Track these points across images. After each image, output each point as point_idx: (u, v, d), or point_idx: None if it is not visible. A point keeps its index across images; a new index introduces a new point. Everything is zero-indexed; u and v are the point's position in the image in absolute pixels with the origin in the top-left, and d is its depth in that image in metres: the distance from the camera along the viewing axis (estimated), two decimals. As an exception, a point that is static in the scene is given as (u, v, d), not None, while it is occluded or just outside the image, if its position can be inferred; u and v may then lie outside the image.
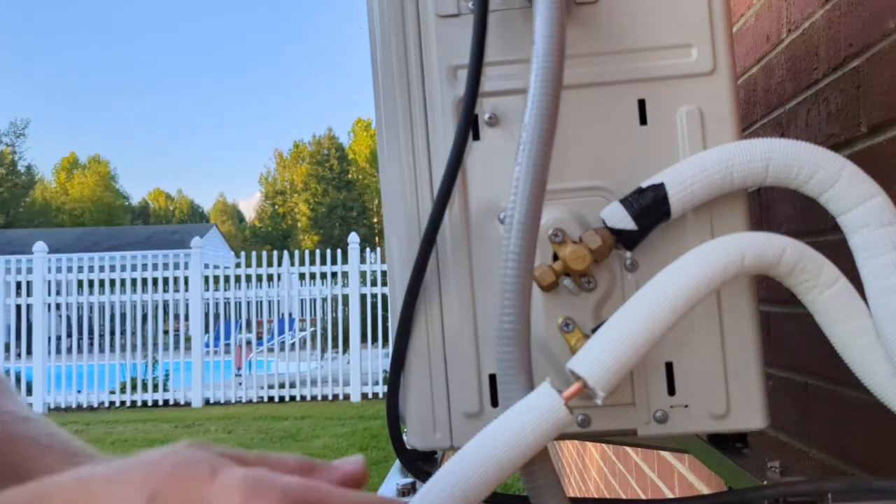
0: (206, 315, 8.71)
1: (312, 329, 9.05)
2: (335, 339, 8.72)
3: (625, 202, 0.58)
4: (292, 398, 8.39)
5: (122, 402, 8.32)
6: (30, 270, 8.59)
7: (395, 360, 0.65)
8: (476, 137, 0.65)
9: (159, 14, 65.01)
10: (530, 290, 0.57)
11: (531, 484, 0.50)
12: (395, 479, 0.67)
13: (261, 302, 8.76)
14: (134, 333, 8.75)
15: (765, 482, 0.60)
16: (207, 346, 8.71)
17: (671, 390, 0.62)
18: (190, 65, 66.54)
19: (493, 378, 0.63)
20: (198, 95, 65.95)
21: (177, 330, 8.90)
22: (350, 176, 34.32)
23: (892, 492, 0.50)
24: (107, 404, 8.36)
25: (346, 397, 8.39)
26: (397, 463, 0.69)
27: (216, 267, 9.12)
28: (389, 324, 0.65)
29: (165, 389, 8.50)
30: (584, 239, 0.58)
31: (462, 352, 0.64)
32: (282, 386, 8.50)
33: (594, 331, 0.57)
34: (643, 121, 0.64)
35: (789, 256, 0.54)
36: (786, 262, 0.54)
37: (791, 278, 0.56)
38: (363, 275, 8.51)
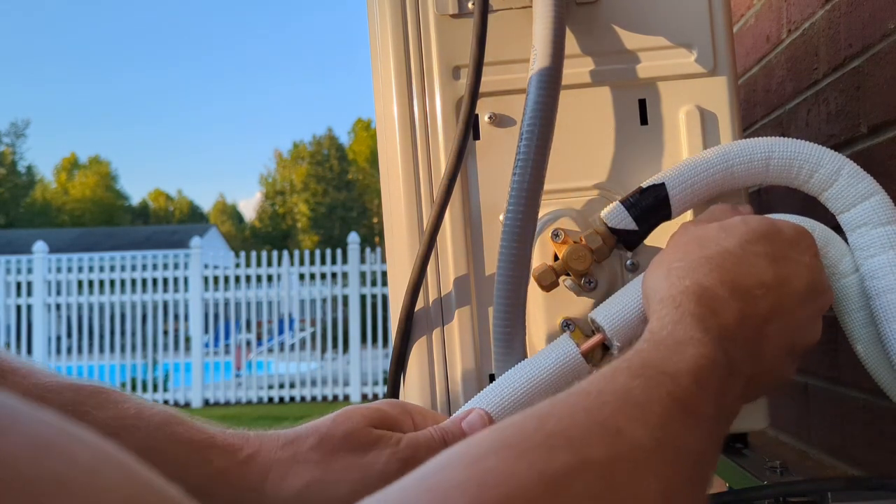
0: (206, 315, 8.70)
1: (312, 329, 9.04)
2: (335, 339, 8.71)
3: (625, 202, 0.58)
4: (292, 399, 8.37)
5: (122, 403, 8.30)
6: (30, 270, 8.59)
7: (396, 360, 0.65)
8: (476, 137, 0.65)
9: (159, 15, 65.07)
10: (525, 292, 0.57)
11: None
12: (395, 478, 0.67)
13: (260, 302, 8.75)
14: (134, 333, 8.74)
15: (765, 482, 0.60)
16: (207, 346, 8.70)
17: (671, 390, 0.62)
18: (190, 64, 66.62)
19: (493, 378, 0.63)
20: (197, 95, 66.01)
21: (177, 330, 8.87)
22: (350, 176, 34.29)
23: (891, 490, 0.50)
24: (107, 404, 8.34)
25: (346, 398, 8.37)
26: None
27: (216, 267, 9.10)
28: (389, 324, 0.65)
29: (165, 390, 8.49)
30: (584, 239, 0.58)
31: (462, 352, 0.64)
32: (282, 386, 8.49)
33: (594, 331, 0.57)
34: (643, 121, 0.64)
35: (817, 239, 0.55)
36: None
37: None
38: (363, 275, 8.49)
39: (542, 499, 0.27)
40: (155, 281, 8.66)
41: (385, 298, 8.36)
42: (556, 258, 0.60)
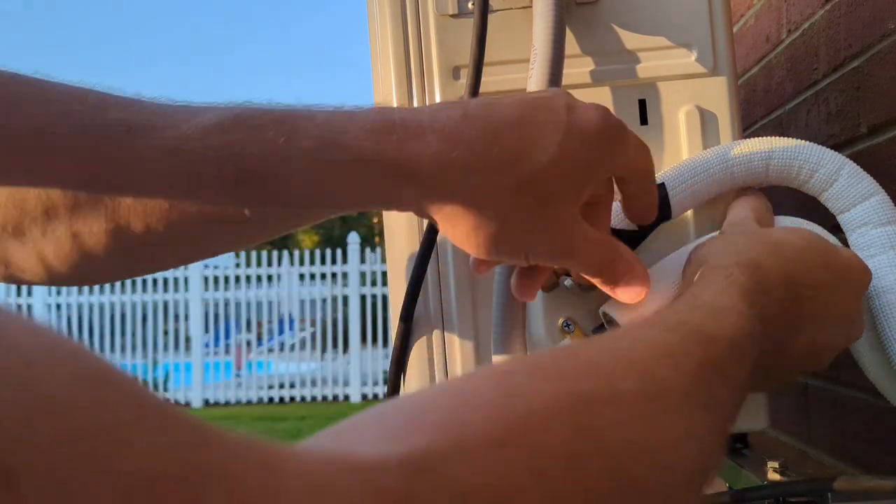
0: (206, 315, 8.70)
1: (312, 329, 9.03)
2: (335, 339, 8.70)
3: (625, 202, 0.58)
4: (292, 399, 8.37)
5: (122, 403, 8.29)
6: (30, 270, 8.58)
7: (396, 360, 0.65)
8: (476, 137, 0.65)
9: (159, 13, 65.13)
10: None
11: None
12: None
13: (260, 302, 8.75)
14: (134, 333, 8.74)
15: (765, 482, 0.60)
16: (207, 346, 8.70)
17: (671, 390, 0.62)
18: (189, 65, 66.71)
19: (493, 378, 0.63)
20: (197, 94, 65.91)
21: (177, 330, 8.87)
22: (350, 176, 34.26)
23: (891, 490, 0.50)
24: (107, 404, 8.33)
25: (346, 398, 8.37)
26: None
27: (216, 267, 9.10)
28: (389, 324, 0.65)
29: (165, 389, 8.49)
30: (584, 239, 0.58)
31: (462, 352, 0.64)
32: (282, 386, 8.48)
33: (595, 331, 0.57)
34: (643, 121, 0.64)
35: None
36: None
37: None
38: (363, 275, 8.49)
39: (569, 417, 0.26)
40: (155, 281, 8.65)
41: (385, 298, 8.35)
42: (556, 258, 0.60)
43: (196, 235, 0.44)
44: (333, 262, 8.58)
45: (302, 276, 8.81)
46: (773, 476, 0.61)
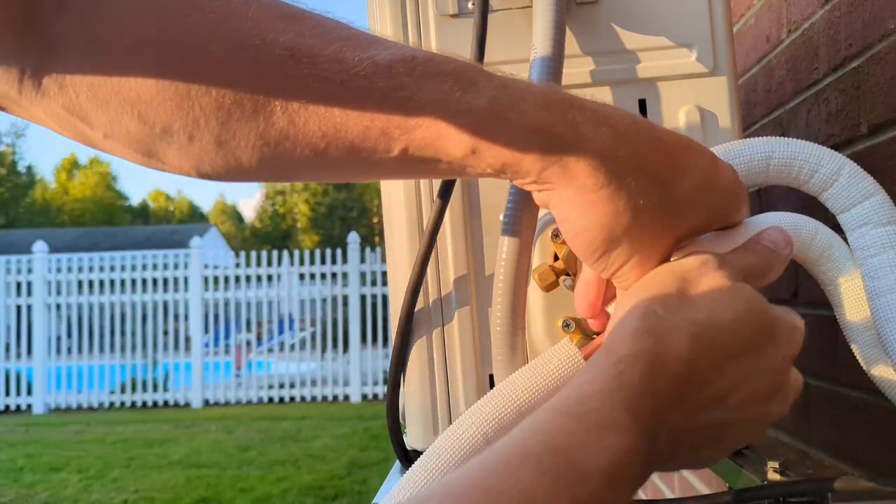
0: (206, 315, 8.70)
1: (312, 329, 9.03)
2: (335, 339, 8.71)
3: (625, 202, 0.58)
4: (292, 399, 8.37)
5: (122, 403, 8.31)
6: (30, 270, 8.59)
7: (396, 360, 0.65)
8: (476, 137, 0.65)
9: (159, 14, 64.96)
10: (524, 293, 0.57)
11: None
12: (395, 479, 0.67)
13: (260, 302, 8.75)
14: (134, 333, 8.75)
15: (765, 482, 0.60)
16: (207, 346, 8.70)
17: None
18: (190, 65, 66.52)
19: (493, 378, 0.63)
20: (198, 96, 65.83)
21: (177, 330, 8.87)
22: (350, 176, 34.22)
23: (891, 491, 0.50)
24: (107, 405, 8.35)
25: (346, 398, 8.38)
26: (397, 463, 0.69)
27: (216, 267, 9.11)
28: (389, 324, 0.65)
29: (165, 390, 8.49)
30: (584, 239, 0.58)
31: (462, 352, 0.64)
32: (281, 386, 8.49)
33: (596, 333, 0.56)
34: (643, 121, 0.64)
35: (821, 241, 0.54)
36: (817, 246, 0.54)
37: (819, 264, 0.56)
38: (363, 275, 8.50)
39: None
40: (155, 281, 8.66)
41: (385, 298, 8.36)
42: (556, 258, 0.60)
43: (341, 165, 0.43)
44: (333, 262, 8.59)
45: (302, 276, 8.81)
46: (773, 476, 0.61)
